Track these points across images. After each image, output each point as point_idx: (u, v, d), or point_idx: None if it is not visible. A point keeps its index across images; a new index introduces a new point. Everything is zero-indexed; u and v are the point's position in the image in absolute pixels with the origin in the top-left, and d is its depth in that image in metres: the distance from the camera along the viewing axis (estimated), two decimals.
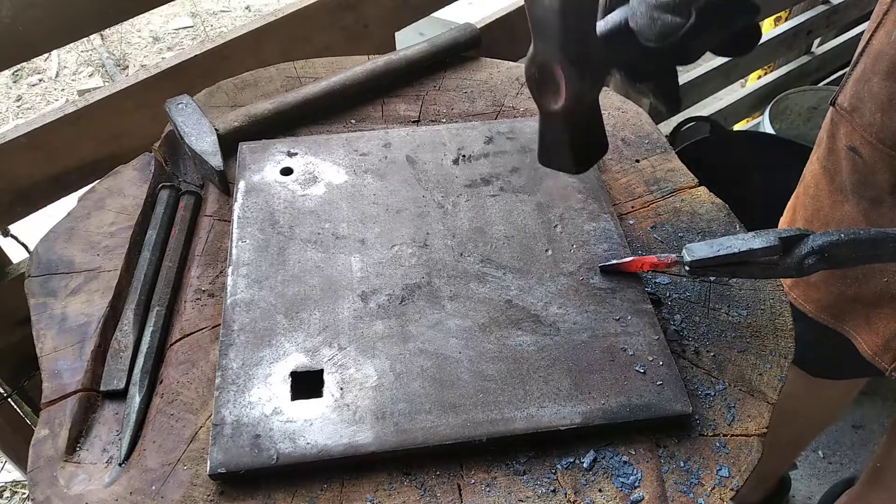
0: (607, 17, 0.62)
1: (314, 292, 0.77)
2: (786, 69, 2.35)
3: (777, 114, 2.19)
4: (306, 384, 0.70)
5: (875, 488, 1.33)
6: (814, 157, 1.05)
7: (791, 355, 0.77)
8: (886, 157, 0.88)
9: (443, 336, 0.74)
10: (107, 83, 3.15)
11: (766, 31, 2.20)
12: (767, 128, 2.10)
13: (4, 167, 1.02)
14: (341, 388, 0.70)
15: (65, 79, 3.27)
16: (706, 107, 2.27)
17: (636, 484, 0.66)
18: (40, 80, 3.25)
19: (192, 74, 1.10)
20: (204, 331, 0.78)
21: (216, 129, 0.93)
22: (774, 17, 2.29)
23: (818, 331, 1.07)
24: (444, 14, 1.60)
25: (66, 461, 0.68)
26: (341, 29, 1.22)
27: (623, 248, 0.83)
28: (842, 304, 1.03)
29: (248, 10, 3.67)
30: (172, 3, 1.51)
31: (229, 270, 0.79)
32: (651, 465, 0.68)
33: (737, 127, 2.42)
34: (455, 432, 0.67)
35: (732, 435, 0.70)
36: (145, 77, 1.07)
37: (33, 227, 1.04)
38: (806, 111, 2.26)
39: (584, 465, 0.68)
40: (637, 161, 0.97)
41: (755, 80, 2.43)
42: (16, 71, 3.25)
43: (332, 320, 0.75)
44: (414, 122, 1.02)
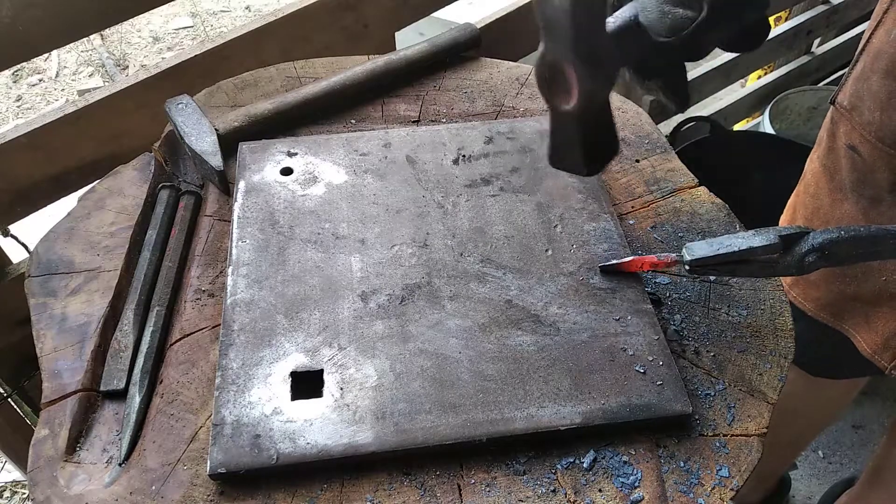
0: (616, 13, 0.60)
1: (314, 292, 0.77)
2: (786, 69, 2.35)
3: (777, 114, 2.19)
4: (306, 384, 0.70)
5: (875, 488, 1.33)
6: (814, 156, 1.05)
7: (791, 355, 0.77)
8: (885, 156, 0.88)
9: (443, 336, 0.74)
10: (107, 83, 3.15)
11: None
12: (767, 128, 2.10)
13: (4, 167, 1.02)
14: (341, 388, 0.70)
15: (65, 79, 3.27)
16: (706, 107, 2.27)
17: (636, 484, 0.66)
18: (40, 80, 3.25)
19: (192, 74, 1.10)
20: (204, 331, 0.78)
21: (216, 129, 0.93)
22: (774, 17, 2.29)
23: (818, 330, 1.07)
24: (444, 14, 1.60)
25: (66, 461, 0.68)
26: (341, 29, 1.22)
27: (623, 248, 0.83)
28: (841, 303, 1.03)
29: (248, 10, 3.67)
30: (172, 3, 1.51)
31: (229, 270, 0.79)
32: (651, 465, 0.68)
33: (737, 127, 2.42)
34: (455, 432, 0.67)
35: (732, 435, 0.70)
36: (145, 77, 1.07)
37: (33, 227, 1.04)
38: (806, 111, 2.26)
39: (584, 465, 0.68)
40: (637, 161, 0.97)
41: (755, 80, 2.43)
42: (16, 71, 3.25)
43: (332, 320, 0.75)
44: (414, 122, 1.02)
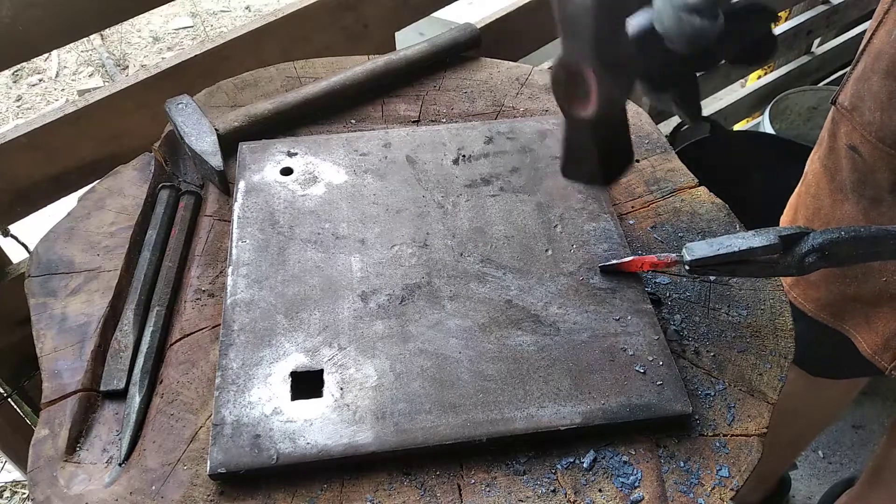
0: (630, 19, 0.58)
1: (314, 292, 0.77)
2: (786, 69, 2.35)
3: (777, 114, 2.19)
4: (306, 384, 0.70)
5: (875, 488, 1.33)
6: (815, 156, 1.05)
7: (791, 355, 0.77)
8: (886, 156, 0.88)
9: (443, 336, 0.74)
10: (107, 83, 3.15)
11: None
12: (767, 128, 2.10)
13: (4, 167, 1.02)
14: (341, 388, 0.70)
15: (65, 79, 3.27)
16: (706, 107, 2.27)
17: (636, 484, 0.66)
18: (40, 80, 3.25)
19: (192, 74, 1.10)
20: (204, 331, 0.78)
21: (216, 129, 0.93)
22: None
23: (818, 330, 1.07)
24: (444, 14, 1.60)
25: (66, 461, 0.68)
26: (341, 29, 1.22)
27: (623, 247, 0.83)
28: (841, 303, 1.03)
29: (248, 10, 3.67)
30: (172, 3, 1.51)
31: (229, 270, 0.79)
32: (651, 465, 0.68)
33: (737, 127, 2.42)
34: (455, 432, 0.67)
35: (732, 435, 0.70)
36: (145, 77, 1.07)
37: (33, 227, 1.04)
38: (806, 111, 2.26)
39: (584, 465, 0.68)
40: (637, 161, 0.97)
41: (755, 80, 2.43)
42: (16, 71, 3.25)
43: (332, 320, 0.75)
44: (414, 122, 1.02)
